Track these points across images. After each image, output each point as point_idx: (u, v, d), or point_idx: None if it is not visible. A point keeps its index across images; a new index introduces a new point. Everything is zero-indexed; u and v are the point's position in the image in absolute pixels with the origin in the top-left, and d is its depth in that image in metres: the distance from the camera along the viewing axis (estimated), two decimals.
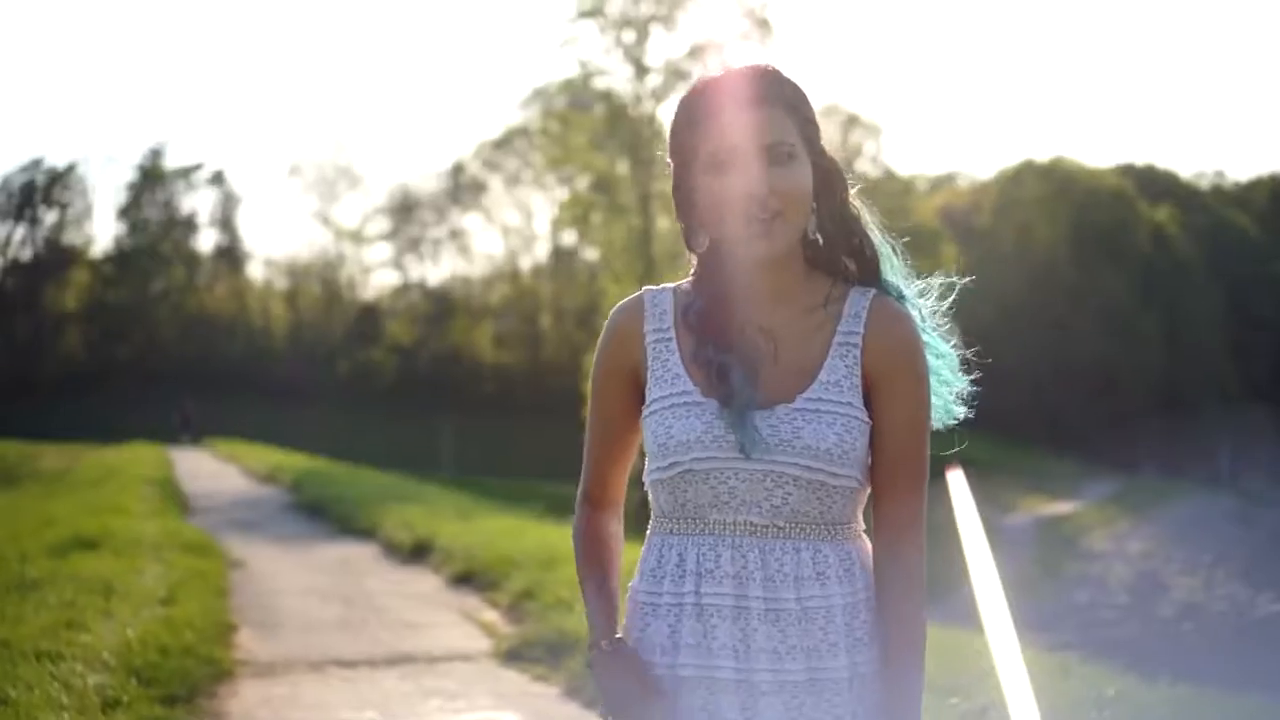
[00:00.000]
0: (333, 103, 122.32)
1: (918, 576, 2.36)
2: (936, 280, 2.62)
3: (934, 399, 2.51)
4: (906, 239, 2.60)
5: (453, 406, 63.98)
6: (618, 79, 43.55)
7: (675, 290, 2.51)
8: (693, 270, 2.50)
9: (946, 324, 2.60)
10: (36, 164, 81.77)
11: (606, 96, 43.74)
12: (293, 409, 65.64)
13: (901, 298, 2.49)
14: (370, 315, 79.39)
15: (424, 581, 12.36)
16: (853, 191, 2.49)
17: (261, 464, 30.90)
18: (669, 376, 2.41)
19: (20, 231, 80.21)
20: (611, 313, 2.53)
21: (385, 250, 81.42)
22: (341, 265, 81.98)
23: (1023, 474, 53.99)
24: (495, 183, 78.23)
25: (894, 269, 2.52)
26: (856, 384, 2.36)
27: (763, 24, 46.23)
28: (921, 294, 2.57)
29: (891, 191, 66.86)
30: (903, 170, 75.54)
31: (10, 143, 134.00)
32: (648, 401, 2.43)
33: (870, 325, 2.39)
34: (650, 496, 2.46)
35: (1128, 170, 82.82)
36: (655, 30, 43.68)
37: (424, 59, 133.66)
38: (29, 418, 59.60)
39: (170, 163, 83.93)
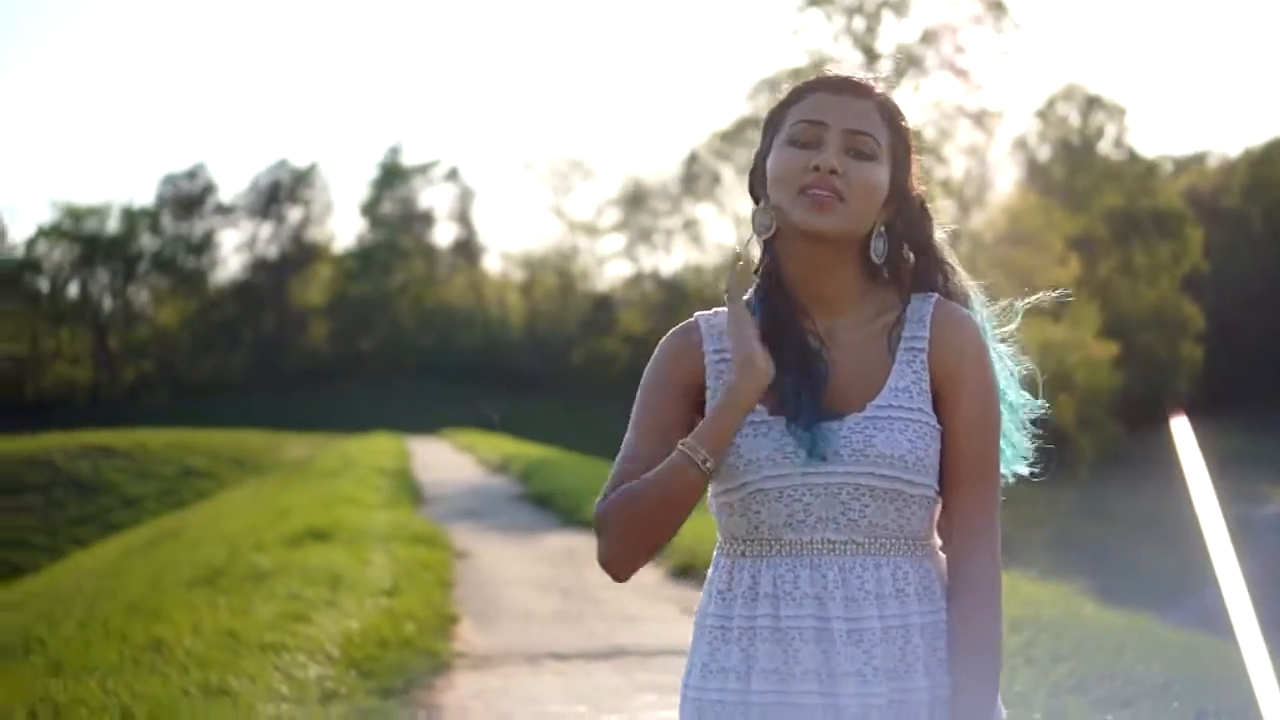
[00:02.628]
0: (565, 97, 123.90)
1: (992, 588, 2.27)
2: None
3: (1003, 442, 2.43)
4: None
5: None
6: (848, 66, 43.25)
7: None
8: (753, 287, 2.42)
9: (1013, 339, 2.50)
10: (281, 164, 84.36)
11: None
12: (528, 398, 66.58)
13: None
14: (604, 305, 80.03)
15: (644, 574, 12.24)
16: (940, 230, 2.42)
17: (495, 454, 31.35)
18: None
19: (267, 229, 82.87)
20: (664, 340, 2.45)
21: (618, 241, 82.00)
22: (575, 256, 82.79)
23: (1276, 463, 52.21)
24: (727, 172, 78.16)
25: (974, 303, 2.45)
26: (925, 389, 2.30)
27: (997, 6, 45.52)
28: (997, 332, 2.48)
29: (1134, 174, 65.20)
30: (1147, 152, 73.57)
31: (258, 145, 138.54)
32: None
33: (935, 329, 2.33)
34: (718, 521, 2.37)
35: None
36: (886, 16, 43.25)
37: (654, 51, 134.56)
38: (275, 408, 61.63)
39: (408, 160, 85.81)
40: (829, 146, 2.26)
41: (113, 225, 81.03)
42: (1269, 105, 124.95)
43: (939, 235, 2.42)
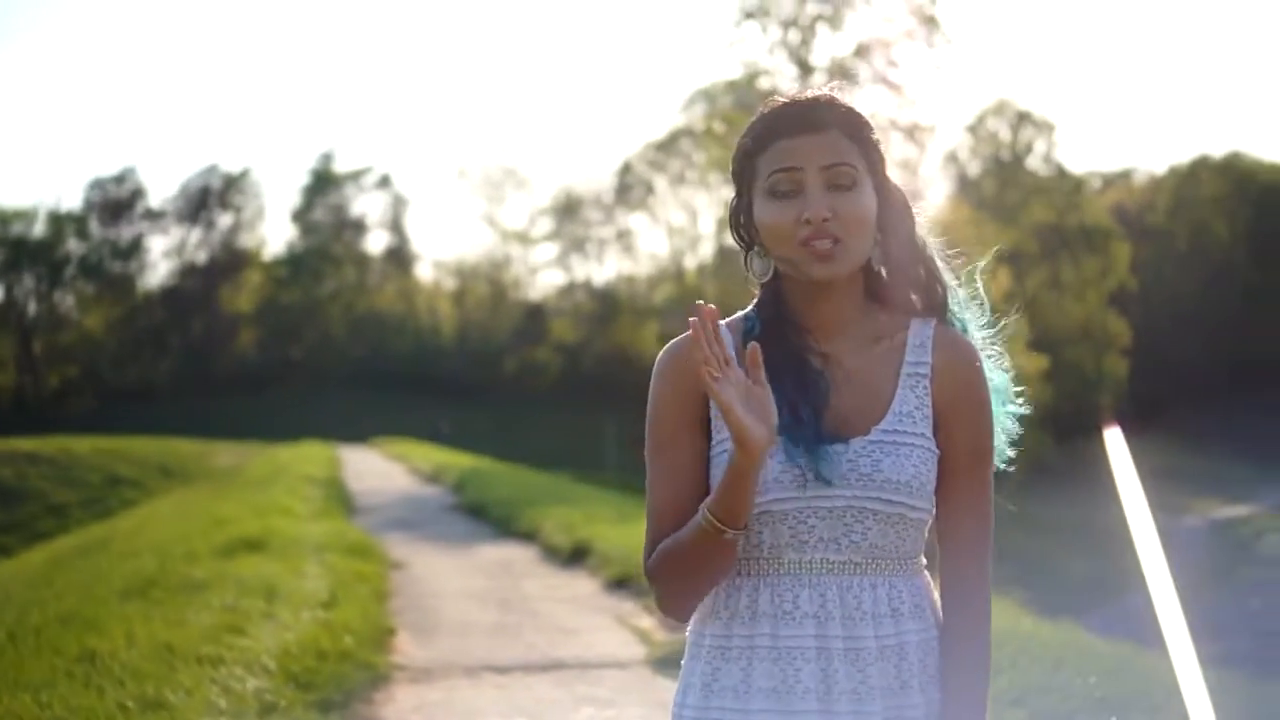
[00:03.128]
0: (498, 106, 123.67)
1: (983, 609, 2.31)
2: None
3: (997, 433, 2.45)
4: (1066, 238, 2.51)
5: (616, 405, 64.13)
6: (783, 79, 43.41)
7: (730, 325, 2.42)
8: (754, 302, 2.43)
9: (1001, 352, 2.53)
10: (212, 169, 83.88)
11: (772, 96, 43.64)
12: (460, 408, 66.42)
13: (964, 329, 2.45)
14: (536, 315, 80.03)
15: (581, 585, 12.37)
16: (920, 222, 2.42)
17: (427, 463, 31.26)
18: None
19: (196, 235, 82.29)
20: (662, 355, 2.42)
21: (551, 250, 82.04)
22: (508, 265, 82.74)
23: (1196, 476, 52.85)
24: (660, 183, 78.31)
25: (958, 301, 2.47)
26: (928, 415, 2.32)
27: (930, 21, 45.84)
28: (982, 324, 2.51)
29: (1062, 190, 65.79)
30: (1075, 168, 74.17)
31: (188, 149, 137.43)
32: (716, 440, 2.33)
33: (937, 356, 2.35)
34: None
35: None
36: (821, 30, 43.45)
37: (588, 62, 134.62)
38: (202, 416, 61.14)
39: (340, 167, 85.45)
40: (811, 191, 2.25)
41: (39, 229, 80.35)
42: (1192, 123, 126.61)
43: (921, 233, 2.42)
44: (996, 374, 2.49)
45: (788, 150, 2.28)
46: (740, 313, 2.45)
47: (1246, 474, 56.35)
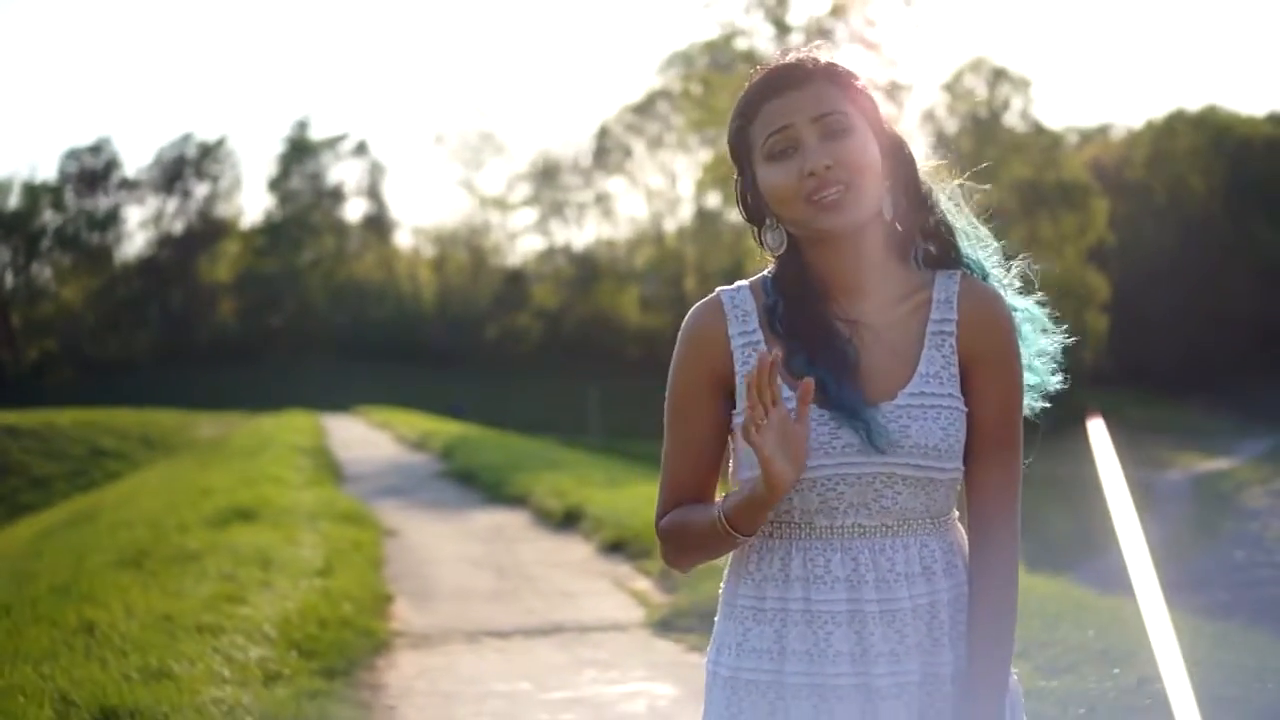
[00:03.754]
0: (475, 71, 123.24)
1: (1011, 564, 2.30)
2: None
3: (1028, 373, 2.44)
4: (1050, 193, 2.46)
5: (598, 370, 64.22)
6: (759, 39, 43.33)
7: (752, 287, 2.40)
8: (770, 268, 2.40)
9: (1025, 287, 2.50)
10: (187, 138, 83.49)
11: (748, 57, 43.50)
12: (441, 375, 66.39)
13: (985, 275, 2.41)
14: (516, 280, 79.93)
15: (576, 549, 12.38)
16: (923, 166, 2.39)
17: (413, 431, 31.23)
18: None
19: (173, 204, 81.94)
20: (687, 319, 2.41)
21: (530, 215, 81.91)
22: (487, 232, 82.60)
23: (1177, 430, 53.13)
24: (638, 146, 78.20)
25: (971, 243, 2.43)
26: (954, 373, 2.29)
27: None
28: (1000, 262, 2.47)
29: (1040, 146, 65.81)
30: (1053, 123, 74.16)
31: (162, 118, 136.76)
32: (739, 410, 2.31)
33: (962, 311, 2.32)
34: None
35: None
36: None
37: (564, 25, 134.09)
38: (183, 387, 61.00)
39: (316, 134, 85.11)
40: (807, 144, 2.23)
41: (14, 201, 79.98)
42: (1168, 77, 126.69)
43: (925, 178, 2.39)
44: (1027, 304, 2.47)
45: (776, 110, 2.26)
46: (760, 274, 2.42)
47: (1227, 427, 56.66)
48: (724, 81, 44.79)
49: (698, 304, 2.41)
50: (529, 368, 69.82)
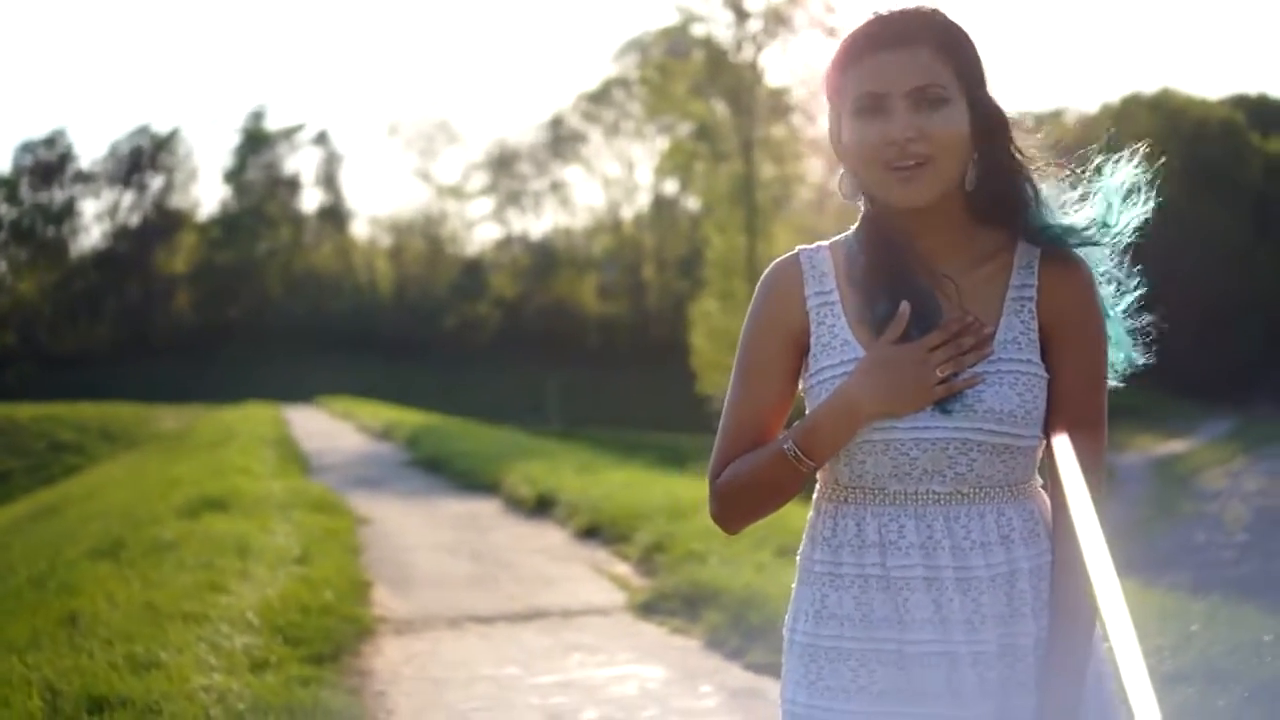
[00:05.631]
0: (429, 60, 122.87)
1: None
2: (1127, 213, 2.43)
3: (1112, 349, 2.40)
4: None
5: (557, 359, 64.26)
6: (718, 25, 43.15)
7: (832, 247, 2.38)
8: (857, 224, 2.37)
9: (1123, 262, 2.45)
10: (142, 130, 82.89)
11: (706, 43, 43.36)
12: (399, 365, 66.22)
13: (1067, 244, 2.33)
14: (474, 270, 79.74)
15: (550, 535, 12.38)
16: (1020, 136, 2.33)
17: (376, 421, 31.15)
18: (837, 343, 2.29)
19: (128, 197, 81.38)
20: (765, 275, 2.39)
21: (486, 205, 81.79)
22: (444, 221, 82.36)
23: (1136, 413, 53.33)
24: (594, 134, 78.19)
25: (1058, 211, 2.35)
26: (1034, 340, 2.26)
27: None
28: (1085, 231, 2.37)
29: None
30: (1008, 107, 74.16)
31: (117, 110, 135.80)
32: (814, 370, 2.31)
33: (1043, 277, 2.28)
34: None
35: (1239, 101, 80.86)
36: None
37: (520, 13, 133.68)
38: (142, 380, 60.64)
39: (272, 125, 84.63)
40: (896, 111, 2.19)
41: None
42: (1123, 61, 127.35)
43: (1020, 149, 2.32)
44: (1118, 278, 2.44)
45: (875, 70, 2.21)
46: (845, 233, 2.40)
47: (1187, 409, 56.97)
48: (681, 68, 44.61)
49: (776, 260, 2.40)
50: (487, 357, 69.63)
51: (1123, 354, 2.46)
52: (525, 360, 65.01)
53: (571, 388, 55.01)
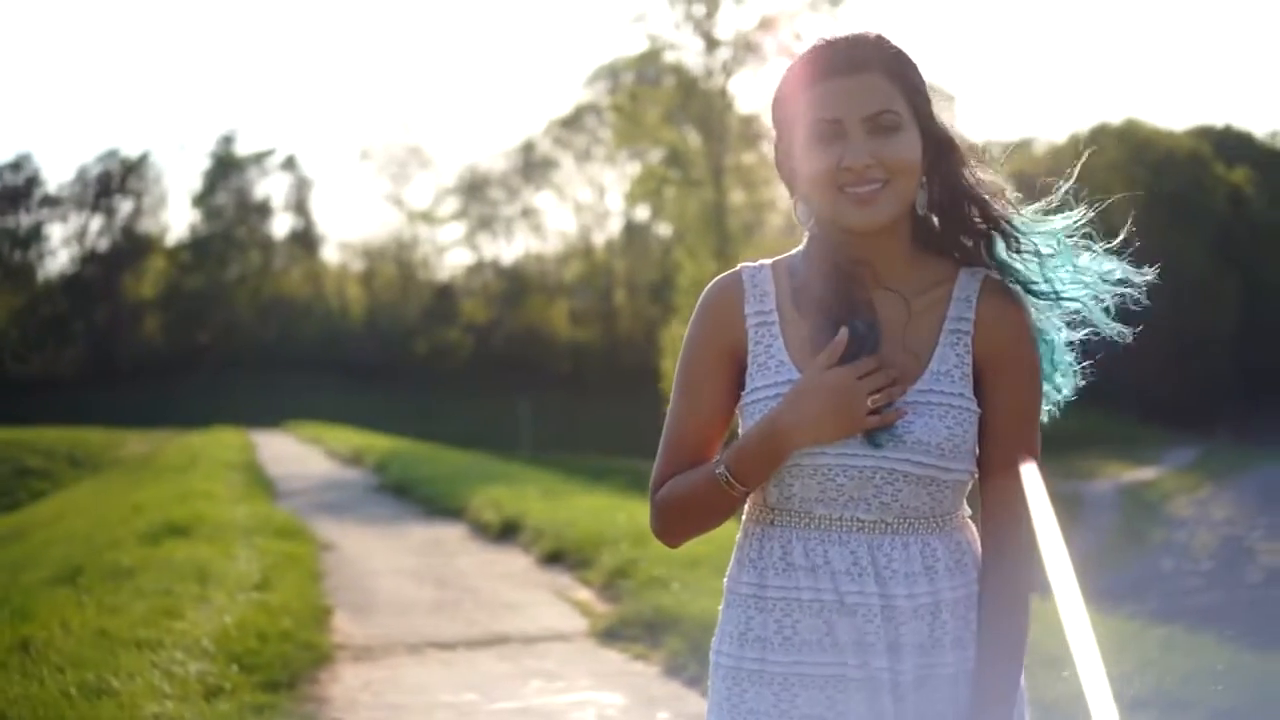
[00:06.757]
0: (401, 85, 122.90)
1: (1023, 570, 2.26)
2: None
3: (1054, 378, 2.41)
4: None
5: (529, 384, 64.07)
6: (688, 53, 43.30)
7: (775, 267, 2.37)
8: (802, 246, 2.36)
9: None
10: (111, 154, 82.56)
11: (677, 70, 43.52)
12: (371, 390, 66.08)
13: (1020, 280, 2.33)
14: (445, 295, 79.62)
15: (514, 561, 12.32)
16: (971, 163, 2.32)
17: (345, 446, 31.05)
18: (773, 364, 2.28)
19: (97, 221, 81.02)
20: (706, 291, 2.38)
21: (458, 230, 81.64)
22: (415, 246, 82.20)
23: (1103, 441, 53.51)
24: (566, 160, 78.20)
25: (1015, 240, 2.34)
26: (967, 373, 2.25)
27: None
28: (1048, 261, 2.36)
29: None
30: (976, 136, 74.56)
31: (84, 133, 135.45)
32: (749, 389, 2.30)
33: (981, 311, 2.28)
34: None
35: (1204, 132, 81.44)
36: (725, 3, 43.40)
37: (491, 39, 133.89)
38: (110, 405, 60.28)
39: (242, 149, 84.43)
40: (852, 137, 2.18)
41: None
42: (1091, 91, 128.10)
43: (972, 173, 2.32)
44: (1050, 328, 2.41)
45: (829, 97, 2.20)
46: (789, 253, 2.39)
47: (1155, 436, 57.24)
48: (652, 95, 44.75)
49: (719, 276, 2.40)
50: (459, 382, 69.52)
51: (1062, 382, 2.45)
52: (496, 385, 64.85)
53: (542, 413, 54.88)
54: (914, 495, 2.22)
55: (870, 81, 2.20)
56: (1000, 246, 2.33)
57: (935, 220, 2.31)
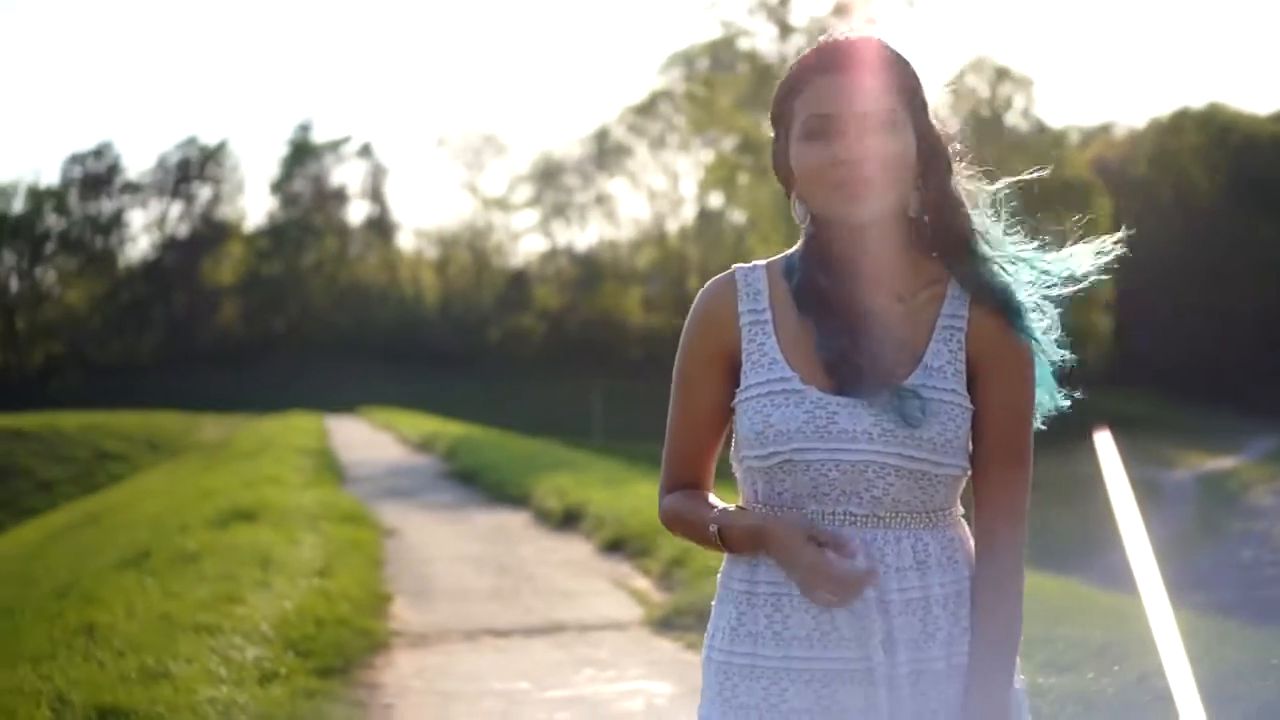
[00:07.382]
0: (476, 73, 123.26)
1: (1014, 567, 2.28)
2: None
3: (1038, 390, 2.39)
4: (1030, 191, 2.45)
5: (601, 371, 64.12)
6: (762, 39, 43.29)
7: (769, 266, 2.40)
8: (799, 245, 2.39)
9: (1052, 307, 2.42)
10: (190, 141, 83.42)
11: (750, 57, 43.50)
12: (445, 376, 66.33)
13: (1006, 286, 2.34)
14: (519, 282, 79.83)
15: (575, 549, 12.38)
16: (960, 170, 2.35)
17: (416, 432, 31.20)
18: (766, 362, 2.31)
19: (176, 208, 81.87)
20: (700, 292, 2.42)
21: (532, 217, 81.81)
22: (489, 233, 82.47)
23: (1183, 429, 52.95)
24: (640, 147, 78.08)
25: (1000, 250, 2.37)
26: (960, 370, 2.28)
27: None
28: (1030, 272, 2.40)
29: (1042, 145, 65.66)
30: (1055, 122, 74.01)
31: (164, 121, 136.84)
32: (743, 386, 2.32)
33: (975, 309, 2.30)
34: (741, 481, 2.38)
35: None
36: None
37: (565, 26, 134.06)
38: (188, 390, 60.99)
39: (319, 136, 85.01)
40: (846, 134, 2.21)
41: (18, 205, 79.73)
42: (1171, 76, 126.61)
43: (958, 183, 2.34)
44: (1044, 320, 2.41)
45: (823, 92, 2.23)
46: (783, 254, 2.42)
47: (1233, 425, 56.49)
48: (726, 81, 44.78)
49: (712, 279, 2.43)
50: (532, 369, 69.69)
51: (1047, 395, 2.46)
52: (569, 373, 64.96)
53: (615, 401, 54.91)
54: (905, 490, 2.24)
55: (867, 80, 2.23)
56: (985, 248, 2.35)
57: (926, 220, 2.33)
